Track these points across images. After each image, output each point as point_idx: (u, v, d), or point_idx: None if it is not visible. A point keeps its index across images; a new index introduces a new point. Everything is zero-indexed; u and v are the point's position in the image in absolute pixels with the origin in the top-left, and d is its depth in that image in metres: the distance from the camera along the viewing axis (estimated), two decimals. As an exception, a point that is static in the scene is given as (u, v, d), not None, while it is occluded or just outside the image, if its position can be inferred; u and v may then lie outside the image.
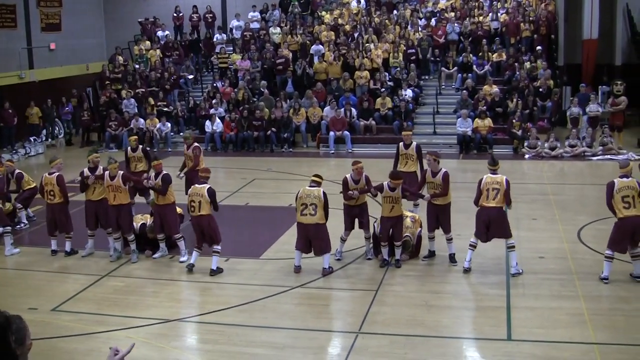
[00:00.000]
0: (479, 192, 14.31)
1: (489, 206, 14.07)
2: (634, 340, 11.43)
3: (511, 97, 29.20)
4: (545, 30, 32.69)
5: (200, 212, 14.85)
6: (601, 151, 26.48)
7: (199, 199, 14.83)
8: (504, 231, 14.24)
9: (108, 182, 15.84)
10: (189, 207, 15.07)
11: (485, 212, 14.12)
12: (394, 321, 12.40)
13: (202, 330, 12.52)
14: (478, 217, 14.37)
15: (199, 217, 14.90)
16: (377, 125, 29.51)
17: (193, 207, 14.90)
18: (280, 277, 14.65)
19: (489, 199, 14.08)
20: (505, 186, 14.16)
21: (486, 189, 14.17)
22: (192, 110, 31.75)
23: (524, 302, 13.07)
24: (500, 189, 14.09)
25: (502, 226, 14.21)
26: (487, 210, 14.09)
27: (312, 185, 14.72)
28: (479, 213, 14.34)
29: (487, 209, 14.08)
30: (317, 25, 35.43)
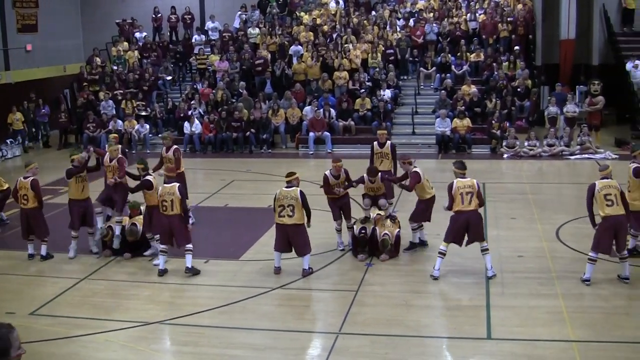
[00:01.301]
0: (452, 197, 14.25)
1: (468, 210, 14.05)
2: (612, 337, 11.51)
3: (489, 97, 29.32)
4: (523, 31, 32.84)
5: (173, 211, 14.79)
6: (579, 150, 26.61)
7: (171, 197, 14.77)
8: (480, 235, 14.25)
9: (107, 163, 16.64)
10: (161, 207, 14.95)
11: (464, 216, 14.09)
12: (375, 321, 12.41)
13: (181, 332, 12.46)
14: (455, 221, 14.26)
15: (171, 216, 14.83)
16: (356, 126, 29.53)
17: (165, 207, 14.81)
18: (260, 278, 14.63)
19: (465, 203, 14.05)
20: (477, 188, 14.17)
21: (459, 193, 14.09)
22: (171, 112, 31.64)
23: (503, 301, 13.11)
24: (473, 192, 14.08)
25: (479, 230, 14.20)
26: (466, 214, 14.06)
27: (289, 186, 14.68)
28: (456, 218, 14.24)
29: (465, 213, 14.06)
30: (295, 25, 35.41)
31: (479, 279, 14.17)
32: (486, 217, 18.27)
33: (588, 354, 10.97)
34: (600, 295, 13.30)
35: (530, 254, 15.66)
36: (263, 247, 16.51)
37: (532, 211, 19.11)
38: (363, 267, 14.99)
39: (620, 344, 11.30)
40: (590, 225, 14.18)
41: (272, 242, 15.02)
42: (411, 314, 12.77)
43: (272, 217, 14.98)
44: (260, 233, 17.55)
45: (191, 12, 37.74)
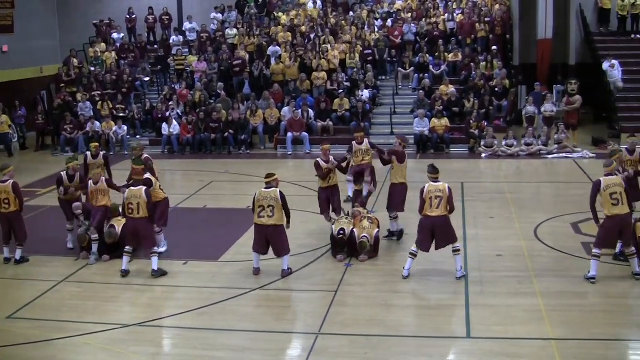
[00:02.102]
0: (422, 200, 14.26)
1: (433, 215, 14.03)
2: (590, 335, 11.60)
3: (467, 96, 29.40)
4: (501, 31, 32.95)
5: (139, 214, 14.76)
6: (556, 149, 26.76)
7: (137, 200, 14.73)
8: (450, 238, 14.22)
9: (92, 188, 16.15)
10: (127, 210, 14.91)
11: (429, 221, 14.07)
12: (354, 321, 12.42)
13: (161, 334, 12.43)
14: (422, 226, 14.26)
15: (137, 219, 14.80)
16: (334, 126, 29.51)
17: (131, 210, 14.79)
18: (240, 279, 14.60)
19: (433, 208, 14.04)
20: (447, 193, 14.11)
21: (429, 197, 14.10)
22: (149, 113, 31.52)
23: (482, 300, 13.16)
24: (443, 197, 14.03)
25: (448, 233, 14.16)
26: (431, 219, 14.04)
27: (268, 187, 14.66)
28: (423, 222, 14.24)
29: (431, 218, 14.04)
30: (273, 26, 35.37)
31: (456, 279, 14.20)
32: (464, 216, 18.43)
33: (567, 352, 11.03)
34: (578, 294, 13.38)
35: (508, 252, 15.71)
36: (242, 248, 16.47)
37: (510, 210, 19.18)
38: (342, 268, 15.00)
39: (598, 342, 11.39)
40: (568, 225, 14.26)
41: (251, 243, 14.99)
42: (391, 313, 12.79)
43: (252, 218, 14.96)
44: (240, 234, 17.50)
45: (169, 12, 37.63)
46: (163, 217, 16.33)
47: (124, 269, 14.97)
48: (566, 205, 19.40)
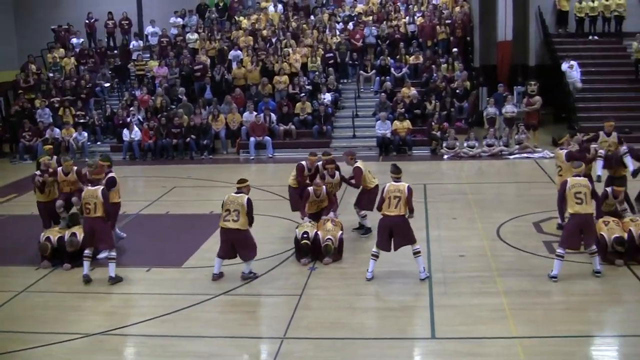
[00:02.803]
0: (382, 199, 14.32)
1: (390, 215, 14.07)
2: (554, 332, 11.70)
3: (429, 98, 29.55)
4: (461, 33, 33.16)
5: (96, 213, 14.69)
6: (517, 150, 26.98)
7: (94, 200, 14.66)
8: (409, 239, 14.23)
9: (62, 178, 16.62)
10: (84, 210, 14.85)
11: (387, 220, 14.10)
12: (319, 325, 12.40)
13: (124, 342, 12.30)
14: (380, 226, 14.29)
15: (93, 218, 14.73)
16: (296, 130, 29.51)
17: (88, 210, 14.72)
18: (204, 285, 14.51)
19: (391, 207, 14.08)
20: (406, 194, 14.13)
21: (388, 196, 14.16)
22: (109, 119, 31.28)
23: (446, 301, 13.20)
24: (401, 197, 14.06)
25: (406, 234, 14.14)
26: (389, 218, 14.08)
27: (238, 191, 14.59)
28: (381, 222, 14.27)
29: (388, 217, 14.08)
30: (234, 30, 35.30)
31: (420, 280, 14.23)
32: (427, 218, 18.50)
33: (531, 350, 11.11)
34: (541, 292, 13.47)
35: (471, 253, 15.78)
36: (206, 253, 16.37)
37: (472, 211, 19.28)
38: (306, 271, 14.97)
39: (562, 339, 11.48)
40: (529, 224, 14.36)
41: (215, 249, 14.92)
42: (355, 316, 12.79)
43: (214, 223, 14.88)
44: (203, 240, 17.41)
45: (128, 17, 37.42)
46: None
47: (86, 274, 14.82)
48: (528, 204, 19.55)
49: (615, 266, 14.49)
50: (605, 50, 33.20)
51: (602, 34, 33.81)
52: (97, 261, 15.66)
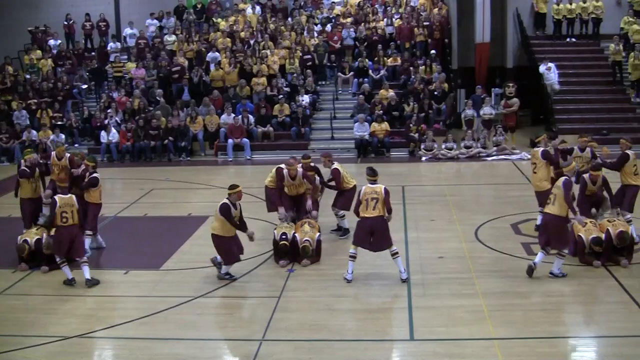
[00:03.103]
0: (358, 201, 14.37)
1: (370, 216, 14.11)
2: (531, 333, 11.76)
3: (407, 100, 29.60)
4: (439, 35, 33.21)
5: (74, 221, 14.71)
6: (495, 151, 27.09)
7: (71, 208, 14.68)
8: (387, 242, 14.27)
9: (55, 162, 17.06)
10: (61, 219, 14.71)
11: (367, 222, 14.14)
12: (298, 327, 12.40)
13: (103, 345, 12.26)
14: (360, 226, 14.35)
15: (71, 226, 14.69)
16: (275, 132, 29.48)
17: (65, 218, 14.66)
18: (182, 287, 14.46)
19: (369, 209, 14.12)
20: (383, 195, 14.17)
21: (365, 199, 14.21)
22: (87, 121, 31.11)
23: (424, 302, 13.23)
24: (379, 198, 14.11)
25: (384, 236, 14.21)
26: (369, 220, 14.12)
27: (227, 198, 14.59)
28: (360, 223, 14.33)
29: (369, 219, 14.12)
30: (212, 32, 35.21)
31: (400, 281, 14.25)
32: (405, 219, 18.55)
33: (509, 351, 11.15)
34: (519, 293, 13.53)
35: (450, 254, 15.83)
36: (184, 255, 16.36)
37: (451, 212, 19.33)
38: (285, 273, 14.96)
39: (539, 340, 11.55)
40: (508, 226, 14.41)
41: (194, 251, 14.91)
42: (334, 318, 12.79)
43: (193, 225, 14.84)
44: (181, 242, 17.36)
45: (106, 19, 37.24)
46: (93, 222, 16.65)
47: (71, 278, 14.76)
48: (506, 206, 19.64)
49: (593, 267, 14.57)
50: (583, 52, 33.42)
51: (579, 36, 33.98)
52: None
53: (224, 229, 14.38)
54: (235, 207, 14.43)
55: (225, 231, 14.42)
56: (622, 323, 12.14)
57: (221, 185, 17.44)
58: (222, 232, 14.39)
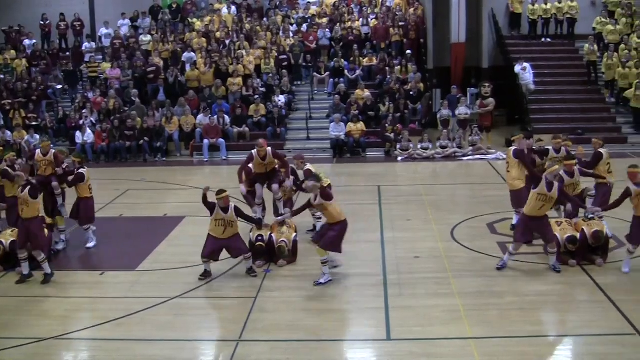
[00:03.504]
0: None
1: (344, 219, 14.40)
2: (507, 333, 11.81)
3: (383, 100, 29.65)
4: (415, 35, 33.28)
5: (29, 215, 14.69)
6: (471, 151, 27.19)
7: (25, 204, 14.72)
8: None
9: (40, 158, 17.02)
10: (20, 210, 14.79)
11: (345, 224, 14.39)
12: (275, 327, 12.39)
13: (79, 347, 12.19)
14: (341, 230, 14.48)
15: (28, 220, 14.73)
16: (250, 132, 29.43)
17: (22, 209, 14.76)
18: (158, 288, 14.42)
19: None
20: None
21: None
22: (62, 121, 30.93)
23: (401, 302, 13.26)
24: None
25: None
26: (344, 222, 14.39)
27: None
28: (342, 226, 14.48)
29: (344, 222, 14.41)
30: (188, 32, 35.08)
31: (377, 281, 14.29)
32: (382, 219, 18.58)
33: (485, 350, 11.20)
34: (495, 292, 13.59)
35: (426, 254, 15.87)
36: (160, 256, 16.31)
37: (427, 212, 19.38)
38: (262, 274, 14.94)
39: (515, 339, 11.61)
40: (483, 225, 14.47)
41: (169, 251, 14.87)
42: (311, 318, 12.80)
43: (168, 226, 14.79)
44: (157, 242, 17.32)
45: (80, 19, 37.02)
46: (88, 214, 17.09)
47: (26, 274, 14.86)
48: (482, 206, 19.72)
49: (569, 266, 14.66)
50: (558, 52, 33.60)
51: (554, 36, 34.15)
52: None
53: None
54: (225, 212, 14.59)
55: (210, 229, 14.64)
56: (597, 322, 12.22)
57: (197, 186, 17.44)
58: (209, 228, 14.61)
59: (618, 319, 12.21)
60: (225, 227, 14.61)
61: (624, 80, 29.83)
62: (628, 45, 31.20)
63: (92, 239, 17.16)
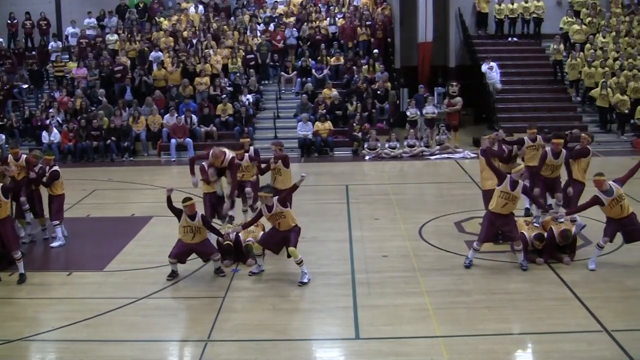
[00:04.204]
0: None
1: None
2: (475, 331, 11.87)
3: (350, 100, 29.71)
4: (382, 34, 33.38)
5: (1, 215, 14.62)
6: (438, 150, 27.30)
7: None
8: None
9: (13, 162, 16.74)
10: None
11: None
12: (243, 327, 12.37)
13: (46, 348, 12.09)
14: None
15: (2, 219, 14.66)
16: (218, 131, 29.36)
17: None
18: (126, 288, 14.34)
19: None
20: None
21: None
22: (28, 121, 30.67)
23: (369, 301, 13.29)
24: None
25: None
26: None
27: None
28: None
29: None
30: (155, 31, 34.90)
31: (346, 280, 14.31)
32: (350, 218, 18.59)
33: (453, 348, 11.25)
34: (464, 291, 13.66)
35: (394, 253, 15.90)
36: (128, 256, 16.21)
37: (394, 211, 19.43)
38: (229, 273, 14.91)
39: (483, 337, 11.67)
40: (451, 224, 14.54)
41: (137, 252, 14.79)
42: (279, 318, 12.79)
43: (136, 226, 14.73)
44: (125, 243, 17.20)
45: (47, 18, 36.71)
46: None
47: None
48: (449, 204, 19.80)
49: (536, 264, 14.77)
50: (525, 51, 33.88)
51: (521, 36, 34.41)
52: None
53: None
54: (192, 219, 14.53)
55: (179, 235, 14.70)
56: (564, 319, 12.33)
57: (164, 186, 17.39)
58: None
59: (585, 316, 12.32)
60: (194, 233, 14.56)
61: (590, 80, 30.11)
62: (593, 44, 31.51)
63: (59, 239, 17.02)
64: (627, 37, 32.41)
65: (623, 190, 14.27)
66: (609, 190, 14.15)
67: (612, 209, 14.25)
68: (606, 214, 14.47)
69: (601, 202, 14.19)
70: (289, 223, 14.30)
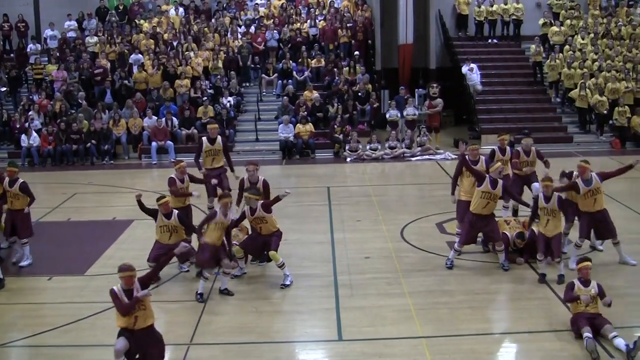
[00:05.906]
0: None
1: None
2: (458, 331, 11.95)
3: (331, 102, 29.71)
4: (363, 36, 33.43)
5: None
6: (419, 152, 27.36)
7: None
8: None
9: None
10: None
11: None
12: (226, 330, 12.37)
13: (27, 354, 12.06)
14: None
15: None
16: (199, 134, 29.23)
17: None
18: (108, 292, 14.23)
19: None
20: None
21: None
22: (6, 124, 30.48)
23: (352, 303, 13.31)
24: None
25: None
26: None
27: None
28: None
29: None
30: (135, 34, 34.77)
31: (328, 282, 14.33)
32: (332, 220, 18.60)
33: (436, 349, 11.31)
34: (445, 291, 13.71)
35: (376, 254, 15.94)
36: (109, 260, 16.13)
37: (376, 213, 19.46)
38: (212, 276, 14.86)
39: (465, 337, 11.75)
40: (432, 225, 14.58)
41: (119, 255, 14.74)
42: (262, 320, 12.79)
43: (117, 230, 14.66)
44: (106, 246, 17.15)
45: (25, 20, 36.51)
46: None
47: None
48: (430, 206, 19.85)
49: (517, 264, 14.84)
50: (504, 53, 33.99)
51: (501, 37, 34.52)
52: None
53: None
54: (168, 218, 14.51)
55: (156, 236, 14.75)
56: (544, 319, 12.43)
57: (145, 189, 17.36)
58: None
59: (566, 315, 12.35)
60: (170, 232, 14.51)
61: (570, 81, 30.23)
62: (572, 46, 31.68)
63: (27, 257, 16.18)
64: (605, 39, 32.58)
65: (601, 185, 14.40)
66: (589, 180, 14.32)
67: (585, 200, 14.41)
68: (580, 206, 14.57)
69: (577, 189, 14.35)
70: (269, 228, 14.29)
